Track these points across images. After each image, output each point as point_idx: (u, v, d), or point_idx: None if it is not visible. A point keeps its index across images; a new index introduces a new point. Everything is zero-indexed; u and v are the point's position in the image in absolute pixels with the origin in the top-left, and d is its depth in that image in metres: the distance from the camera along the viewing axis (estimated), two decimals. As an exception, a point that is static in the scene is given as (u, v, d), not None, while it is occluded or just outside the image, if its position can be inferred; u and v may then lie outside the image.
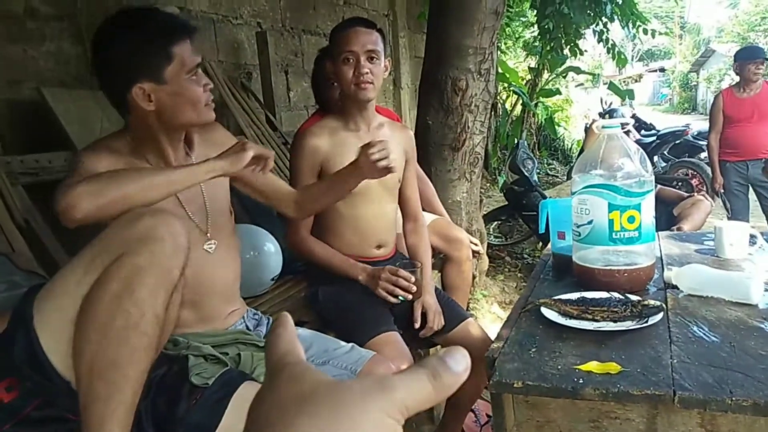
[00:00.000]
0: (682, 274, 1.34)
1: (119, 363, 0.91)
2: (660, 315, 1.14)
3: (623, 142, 1.35)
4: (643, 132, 6.85)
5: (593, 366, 0.98)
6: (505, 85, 8.03)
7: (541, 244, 4.44)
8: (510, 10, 7.55)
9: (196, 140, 1.38)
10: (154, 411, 1.07)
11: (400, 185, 1.83)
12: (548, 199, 1.80)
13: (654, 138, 6.69)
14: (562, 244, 1.58)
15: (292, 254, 2.27)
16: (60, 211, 1.05)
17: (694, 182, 5.56)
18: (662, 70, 29.76)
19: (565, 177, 8.18)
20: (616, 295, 1.24)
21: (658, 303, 1.18)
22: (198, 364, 1.15)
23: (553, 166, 9.62)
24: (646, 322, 1.12)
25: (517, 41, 9.72)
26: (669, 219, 3.04)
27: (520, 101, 8.20)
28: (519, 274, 4.21)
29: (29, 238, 1.89)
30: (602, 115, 6.59)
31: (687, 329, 1.12)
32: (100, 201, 1.05)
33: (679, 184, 4.33)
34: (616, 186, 1.30)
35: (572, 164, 6.38)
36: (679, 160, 6.19)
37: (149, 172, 1.18)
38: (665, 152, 6.57)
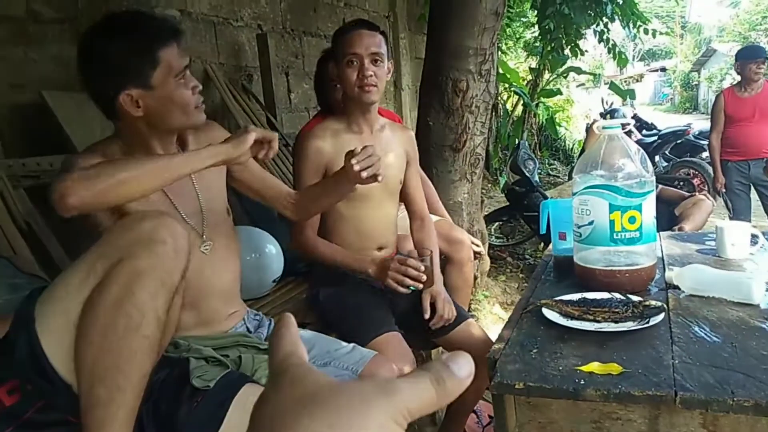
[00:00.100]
0: (683, 275, 1.34)
1: (120, 366, 0.91)
2: (661, 315, 1.14)
3: (624, 143, 1.35)
4: (644, 132, 6.84)
5: (595, 367, 0.98)
6: (506, 85, 8.02)
7: (542, 244, 4.44)
8: (510, 10, 7.54)
9: (190, 140, 1.38)
10: (156, 414, 1.07)
11: (402, 186, 1.83)
12: (549, 200, 1.80)
13: (655, 138, 6.68)
14: (563, 244, 1.58)
15: (293, 256, 2.27)
16: (55, 200, 1.04)
17: (696, 182, 5.56)
18: (663, 69, 29.73)
19: (567, 177, 8.17)
20: (617, 295, 1.24)
21: (660, 303, 1.18)
22: (199, 366, 1.15)
23: (554, 167, 9.61)
24: (648, 322, 1.12)
25: (518, 42, 9.71)
26: (670, 219, 3.04)
27: (521, 102, 8.19)
28: (520, 275, 4.20)
29: (31, 240, 1.89)
30: (603, 115, 6.58)
31: (688, 330, 1.12)
32: (96, 186, 1.03)
33: (681, 183, 4.32)
34: (617, 186, 1.30)
35: (573, 164, 6.37)
36: (681, 160, 6.19)
37: (147, 159, 1.16)
38: (667, 152, 6.56)
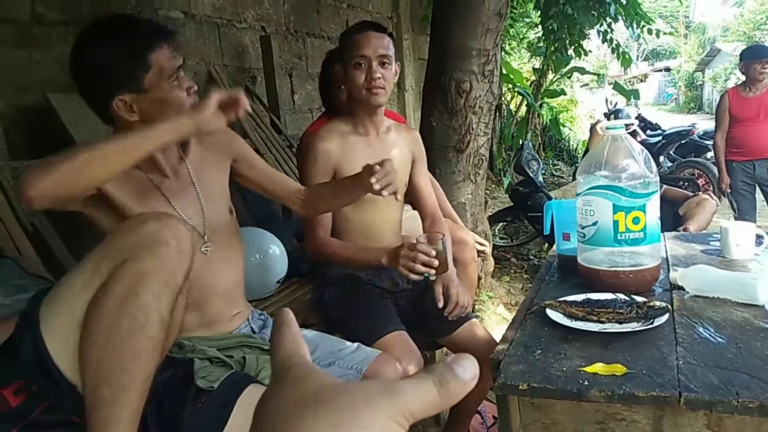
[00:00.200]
0: (687, 275, 1.34)
1: (125, 367, 0.92)
2: (666, 316, 1.14)
3: (627, 143, 1.34)
4: (648, 132, 6.82)
5: (599, 368, 0.98)
6: (510, 86, 8.02)
7: (546, 245, 4.43)
8: (514, 11, 7.54)
9: (192, 140, 1.37)
10: (160, 414, 1.08)
11: (410, 186, 1.84)
12: (553, 201, 1.79)
13: (660, 138, 6.66)
14: (567, 245, 1.58)
15: (297, 257, 2.28)
16: (20, 195, 1.02)
17: (701, 182, 5.53)
18: (667, 69, 29.65)
19: (571, 178, 8.15)
20: (621, 296, 1.24)
21: (664, 304, 1.18)
22: (203, 367, 1.16)
23: (558, 167, 9.60)
24: (652, 323, 1.12)
25: (522, 42, 9.70)
26: (674, 219, 3.03)
27: (525, 102, 8.18)
28: (525, 276, 4.20)
29: (36, 242, 1.90)
30: (607, 115, 6.55)
31: (693, 330, 1.11)
32: (56, 174, 1.01)
33: (686, 184, 4.32)
34: (621, 187, 1.30)
35: (577, 165, 6.36)
36: (685, 160, 6.16)
37: (103, 141, 1.10)
38: (671, 152, 6.54)
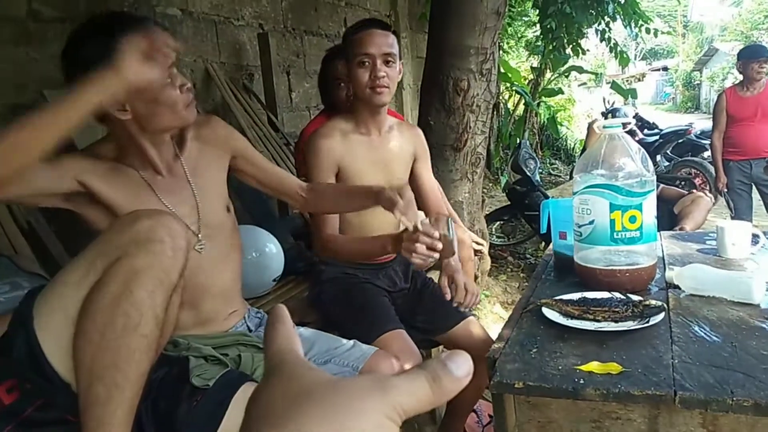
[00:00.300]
0: (683, 274, 1.34)
1: (119, 365, 0.91)
2: (661, 315, 1.14)
3: (624, 142, 1.34)
4: (646, 131, 6.83)
5: (594, 366, 0.98)
6: (508, 84, 8.02)
7: (543, 244, 4.44)
8: (512, 9, 7.54)
9: (190, 136, 1.36)
10: (155, 413, 1.07)
11: (415, 184, 1.83)
12: (549, 199, 1.79)
13: (657, 137, 6.67)
14: (563, 244, 1.58)
15: (293, 255, 2.28)
16: None
17: (698, 181, 5.54)
18: (665, 69, 29.70)
19: (568, 177, 8.17)
20: (617, 295, 1.24)
21: (660, 303, 1.18)
22: (199, 365, 1.15)
23: (555, 166, 9.61)
24: (648, 322, 1.12)
25: (520, 41, 9.71)
26: (670, 217, 3.03)
27: (523, 101, 8.18)
28: (521, 274, 4.20)
29: (32, 239, 1.90)
30: (605, 114, 6.57)
31: (688, 329, 1.11)
32: None
33: (682, 183, 4.31)
34: (618, 186, 1.30)
35: (575, 164, 6.35)
36: (682, 160, 6.17)
37: (30, 117, 1.03)
38: (668, 151, 6.55)
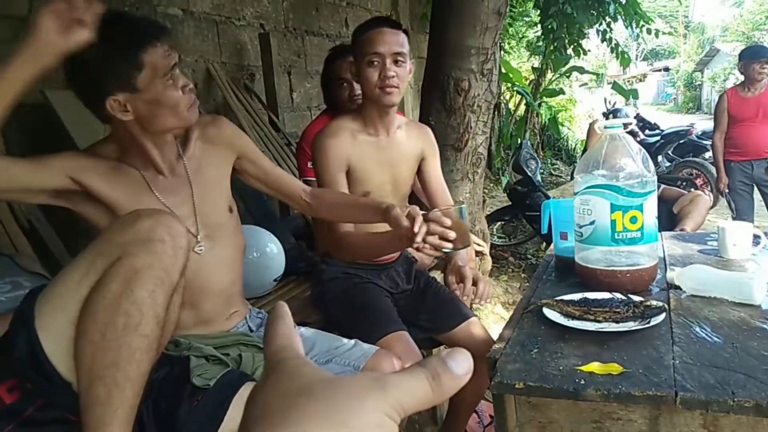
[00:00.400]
0: (684, 275, 1.34)
1: (119, 364, 0.91)
2: (662, 316, 1.14)
3: (625, 143, 1.34)
4: (647, 132, 6.83)
5: (595, 367, 0.98)
6: (509, 85, 8.02)
7: (544, 244, 4.43)
8: (513, 10, 7.54)
9: (194, 136, 1.36)
10: (156, 412, 1.08)
11: (423, 183, 1.84)
12: (550, 200, 1.79)
13: (658, 138, 6.67)
14: (564, 244, 1.58)
15: (294, 255, 2.28)
16: None
17: (699, 182, 5.54)
18: (666, 69, 29.67)
19: (569, 177, 8.17)
20: (618, 295, 1.24)
21: (661, 304, 1.18)
22: (200, 365, 1.15)
23: (556, 166, 9.62)
24: (649, 322, 1.12)
25: (521, 41, 9.71)
26: (669, 217, 3.03)
27: (524, 101, 8.19)
28: (522, 275, 4.20)
29: (33, 239, 1.90)
30: (606, 114, 6.57)
31: (689, 330, 1.11)
32: None
33: (684, 183, 4.32)
34: (618, 186, 1.30)
35: (576, 164, 6.36)
36: (684, 160, 6.17)
37: None
38: (669, 152, 6.55)
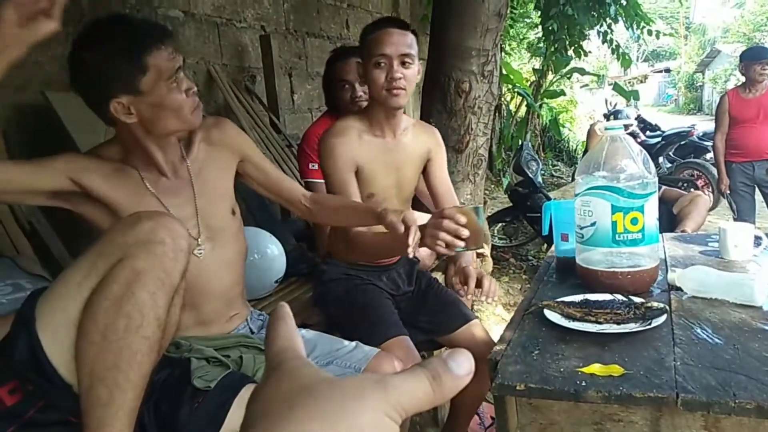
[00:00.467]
0: (685, 276, 1.33)
1: (120, 366, 0.91)
2: (663, 317, 1.13)
3: (626, 144, 1.34)
4: (648, 133, 6.83)
5: (596, 368, 0.98)
6: (510, 86, 8.02)
7: (545, 245, 4.43)
8: (514, 11, 7.54)
9: (198, 138, 1.37)
10: (157, 414, 1.08)
11: (429, 185, 1.83)
12: (551, 201, 1.79)
13: (659, 139, 6.67)
14: (565, 246, 1.58)
15: (295, 256, 2.28)
16: None
17: (700, 183, 5.54)
18: (667, 70, 29.66)
19: (570, 178, 8.16)
20: (619, 297, 1.24)
21: (662, 305, 1.18)
22: (200, 367, 1.15)
23: (557, 168, 9.61)
24: (650, 324, 1.11)
25: (521, 42, 9.71)
26: (669, 218, 3.03)
27: (525, 103, 8.18)
28: (523, 276, 4.20)
29: (34, 240, 1.90)
30: (607, 116, 6.57)
31: (690, 331, 1.11)
32: None
33: (685, 185, 4.31)
34: (619, 188, 1.30)
35: (577, 165, 6.36)
36: (685, 161, 6.17)
37: None
38: (670, 153, 6.55)
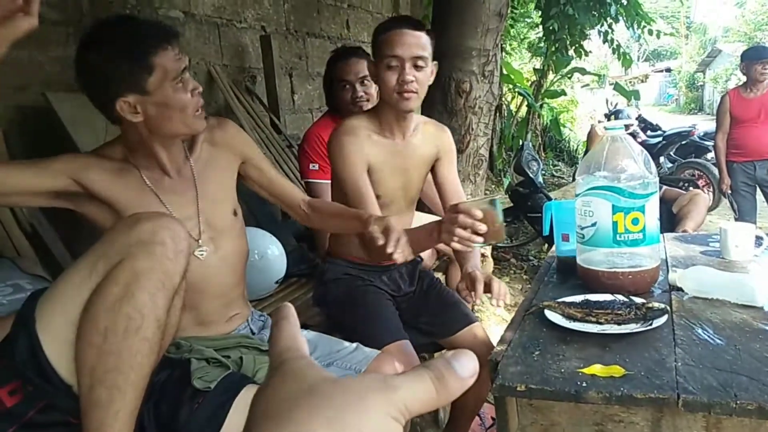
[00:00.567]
0: (686, 276, 1.33)
1: (120, 367, 0.91)
2: (664, 317, 1.13)
3: (627, 144, 1.34)
4: (649, 133, 6.83)
5: (597, 369, 0.97)
6: (510, 86, 8.01)
7: (546, 246, 4.43)
8: (514, 11, 7.54)
9: (201, 138, 1.37)
10: (157, 415, 1.08)
11: (438, 185, 1.80)
12: (552, 201, 1.79)
13: (660, 139, 6.66)
14: (566, 246, 1.57)
15: (296, 257, 2.28)
16: None
17: (701, 183, 5.54)
18: (668, 70, 29.64)
19: (571, 178, 8.15)
20: (620, 297, 1.23)
21: (663, 305, 1.17)
22: (200, 367, 1.15)
23: (558, 168, 9.60)
24: (651, 324, 1.11)
25: (522, 42, 9.70)
26: (669, 217, 3.02)
27: (525, 102, 8.18)
28: (524, 276, 4.19)
29: (35, 242, 1.90)
30: (608, 115, 6.57)
31: (691, 332, 1.11)
32: None
33: (686, 184, 4.31)
34: (620, 188, 1.30)
35: (578, 165, 6.36)
36: (686, 161, 6.17)
37: None
38: (671, 153, 6.54)
